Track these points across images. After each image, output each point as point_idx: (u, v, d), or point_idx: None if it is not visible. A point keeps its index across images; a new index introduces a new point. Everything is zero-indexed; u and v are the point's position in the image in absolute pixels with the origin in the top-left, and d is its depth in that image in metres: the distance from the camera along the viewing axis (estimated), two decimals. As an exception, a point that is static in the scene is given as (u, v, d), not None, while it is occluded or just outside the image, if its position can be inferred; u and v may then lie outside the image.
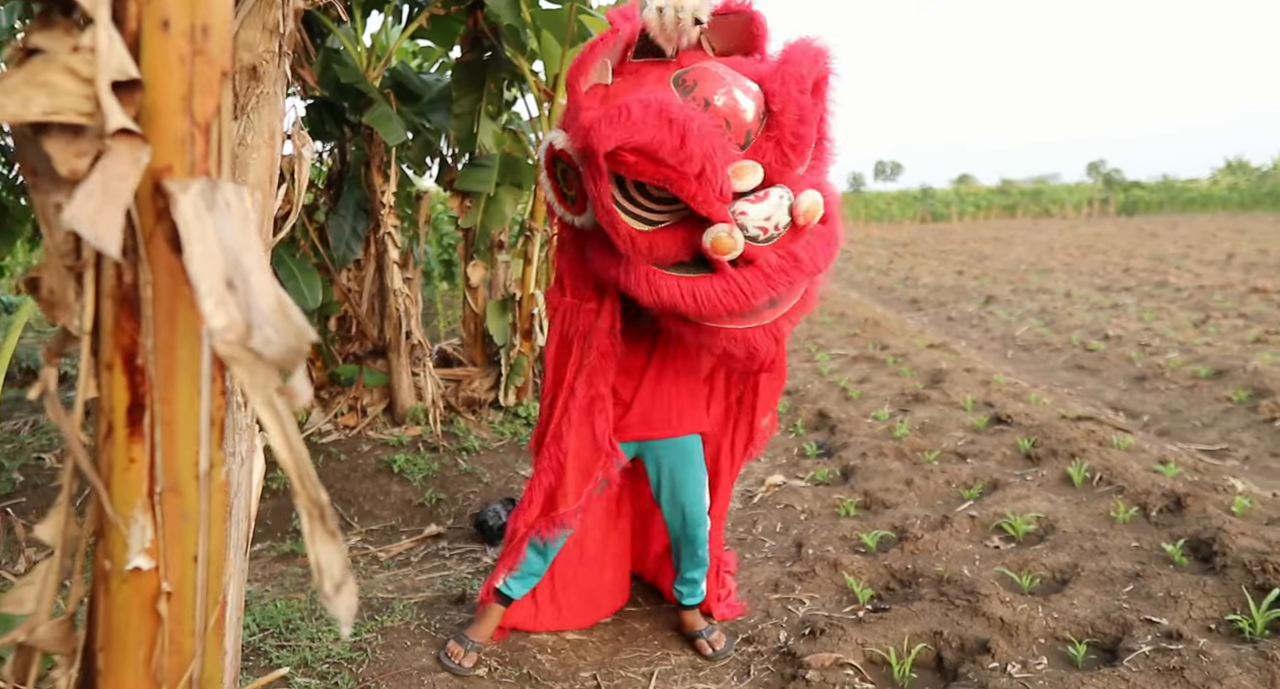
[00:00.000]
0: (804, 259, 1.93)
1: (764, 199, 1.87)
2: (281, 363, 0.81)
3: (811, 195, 1.92)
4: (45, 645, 0.92)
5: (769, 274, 1.90)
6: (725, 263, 1.90)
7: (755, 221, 1.87)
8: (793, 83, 1.84)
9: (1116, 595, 2.56)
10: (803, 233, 1.95)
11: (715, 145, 1.76)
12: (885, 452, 4.13)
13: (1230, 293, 9.44)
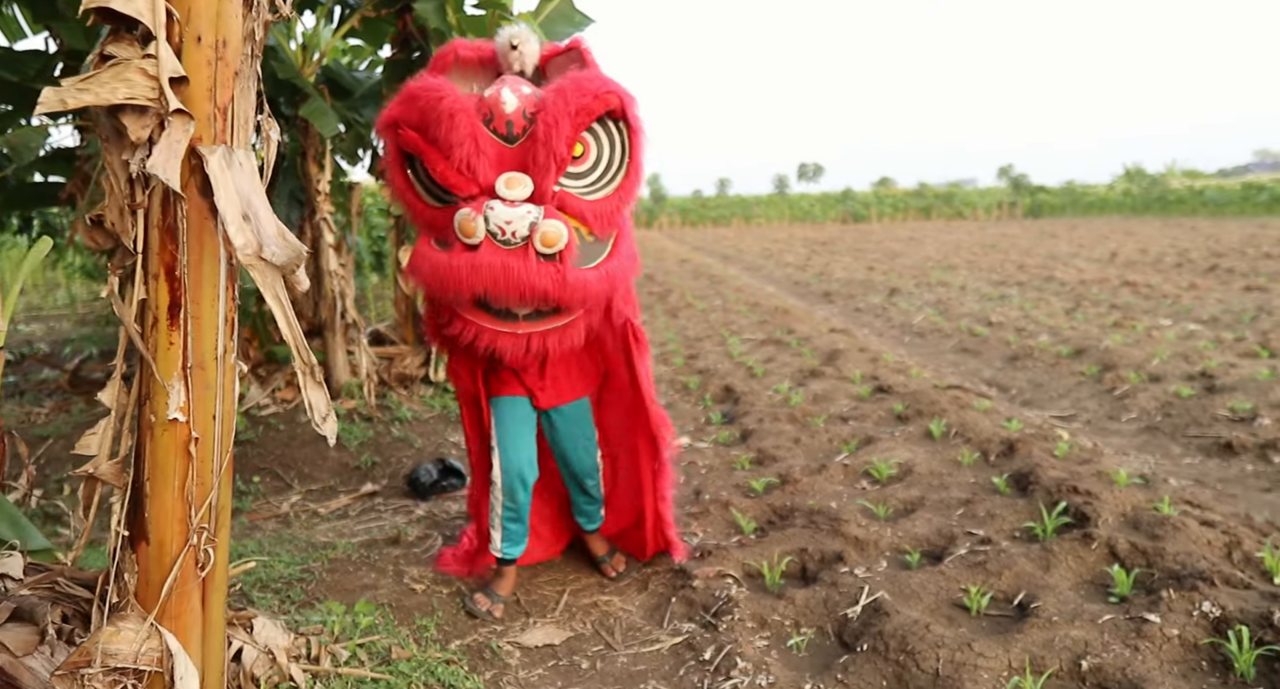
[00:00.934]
0: (515, 271, 2.14)
1: (514, 206, 2.15)
2: (284, 267, 1.21)
3: (554, 224, 2.17)
4: (106, 478, 1.29)
5: (480, 266, 2.14)
6: (463, 245, 2.19)
7: (496, 220, 2.13)
8: (556, 96, 2.17)
9: (950, 517, 3.09)
10: (529, 254, 2.16)
11: (463, 125, 2.13)
12: (780, 417, 4.64)
13: (1105, 286, 10.34)
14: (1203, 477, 3.81)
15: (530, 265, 2.15)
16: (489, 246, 2.15)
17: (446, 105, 2.15)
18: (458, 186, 2.20)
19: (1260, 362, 5.41)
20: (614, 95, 2.23)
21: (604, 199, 2.31)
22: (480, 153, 2.18)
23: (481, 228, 2.14)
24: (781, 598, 2.63)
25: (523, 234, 2.13)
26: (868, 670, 2.20)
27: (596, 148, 2.31)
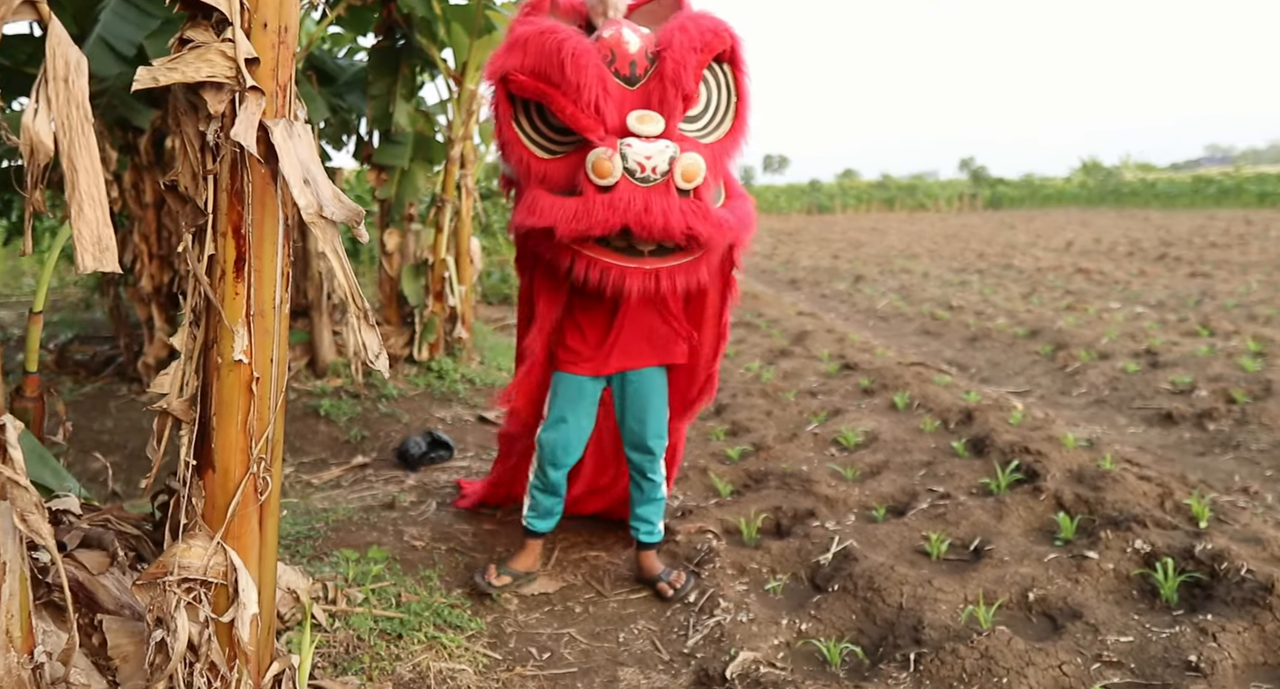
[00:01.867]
0: (658, 207, 2.05)
1: (651, 141, 2.06)
2: (344, 222, 1.39)
3: (694, 157, 2.09)
4: (178, 413, 1.46)
5: (618, 204, 2.04)
6: (595, 188, 2.08)
7: (635, 156, 2.04)
8: (679, 33, 2.13)
9: (912, 478, 3.34)
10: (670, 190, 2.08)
11: (590, 66, 2.05)
12: (752, 393, 4.87)
13: (1060, 273, 10.75)
14: (1145, 443, 4.11)
15: (673, 201, 2.07)
16: (626, 185, 2.06)
17: (570, 47, 2.07)
18: (589, 128, 2.10)
19: (1200, 340, 5.77)
20: (729, 33, 2.19)
21: (717, 143, 2.23)
22: (607, 95, 2.09)
23: (619, 166, 2.05)
24: (758, 549, 2.85)
25: (663, 169, 2.06)
26: (838, 607, 2.43)
27: (706, 91, 2.25)
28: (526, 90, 2.14)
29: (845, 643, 2.26)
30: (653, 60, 2.16)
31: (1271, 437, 3.90)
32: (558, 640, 2.45)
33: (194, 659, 1.46)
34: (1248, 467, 3.70)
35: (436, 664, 2.21)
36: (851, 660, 2.21)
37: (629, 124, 2.09)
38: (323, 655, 2.15)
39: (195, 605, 1.47)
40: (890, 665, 2.11)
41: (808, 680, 2.07)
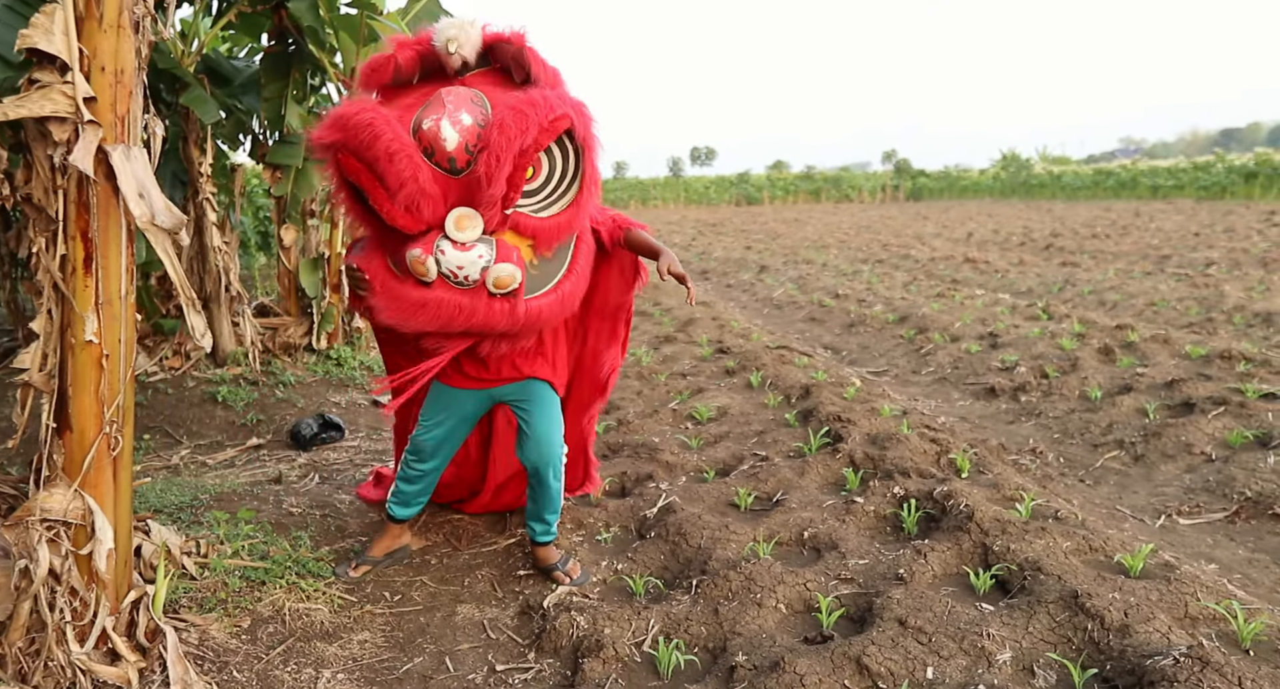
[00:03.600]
0: (468, 311, 2.15)
1: (466, 250, 2.10)
2: (171, 230, 1.74)
3: (507, 269, 2.12)
4: (38, 385, 1.79)
5: (429, 306, 2.16)
6: (414, 282, 2.17)
7: (448, 264, 2.10)
8: (498, 132, 2.04)
9: (745, 445, 3.79)
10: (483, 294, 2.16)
11: (405, 167, 2.03)
12: (629, 375, 5.28)
13: (950, 263, 11.45)
14: (967, 414, 4.66)
15: (482, 305, 2.15)
16: (442, 285, 2.14)
17: (384, 145, 2.03)
18: (406, 227, 2.12)
19: (1038, 323, 6.40)
20: (563, 121, 2.09)
21: (557, 215, 2.22)
22: (424, 193, 2.08)
23: (434, 269, 2.11)
24: (598, 507, 3.26)
25: (474, 278, 2.11)
26: (652, 550, 2.85)
27: (549, 164, 2.19)
28: (351, 174, 2.12)
29: (650, 577, 2.68)
30: (475, 154, 2.10)
31: (1067, 405, 4.47)
32: (410, 585, 2.82)
33: (56, 584, 1.80)
34: (1042, 431, 4.26)
35: (294, 604, 2.56)
36: (654, 591, 2.63)
37: (447, 228, 2.11)
38: (191, 599, 2.48)
39: (57, 541, 1.80)
40: (678, 591, 2.54)
41: (607, 605, 2.48)
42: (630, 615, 2.39)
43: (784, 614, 2.34)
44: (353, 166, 2.10)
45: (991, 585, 2.34)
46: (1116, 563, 2.38)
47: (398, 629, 2.54)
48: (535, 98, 2.09)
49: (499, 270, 2.12)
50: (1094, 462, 3.82)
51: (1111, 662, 1.91)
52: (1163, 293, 7.87)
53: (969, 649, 2.02)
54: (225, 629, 2.33)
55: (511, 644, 2.45)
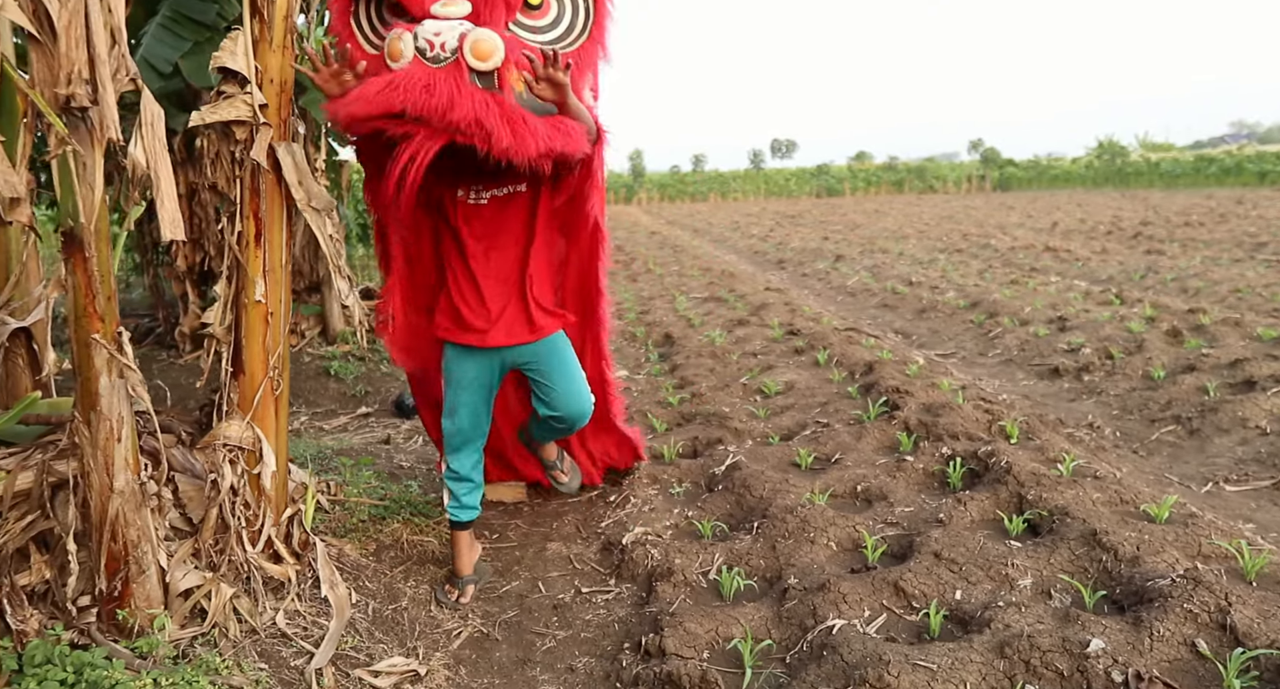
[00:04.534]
0: (441, 89, 1.89)
1: (443, 19, 1.95)
2: (325, 210, 2.15)
3: (488, 35, 1.93)
4: (219, 336, 2.23)
5: (396, 84, 1.92)
6: (388, 71, 1.98)
7: (425, 33, 1.92)
8: None
9: (808, 414, 4.07)
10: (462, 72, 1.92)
11: None
12: (704, 354, 5.61)
13: (1030, 251, 11.36)
14: (1030, 392, 4.82)
15: (463, 87, 1.90)
16: (416, 64, 1.93)
17: None
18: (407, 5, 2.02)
19: (1109, 308, 6.44)
20: None
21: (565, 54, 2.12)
22: None
23: (410, 45, 1.93)
24: (672, 466, 3.60)
25: (452, 46, 1.90)
26: (719, 501, 3.17)
27: (558, 4, 2.15)
28: None
29: (717, 522, 3.01)
30: None
31: (1129, 384, 4.59)
32: (505, 527, 3.22)
33: (233, 497, 2.24)
34: (1102, 408, 4.40)
35: (410, 535, 2.99)
36: (720, 533, 2.96)
37: (432, 8, 1.99)
38: (326, 527, 2.93)
39: (235, 462, 2.25)
40: (740, 532, 2.87)
41: (678, 543, 2.82)
42: (698, 550, 2.72)
43: (833, 550, 2.64)
44: None
45: (1023, 529, 2.59)
46: (1142, 511, 2.59)
47: (496, 559, 2.94)
48: None
49: (479, 34, 1.91)
50: (1149, 435, 3.96)
51: (1120, 586, 2.15)
52: (1249, 280, 7.73)
53: (994, 576, 2.29)
54: (356, 550, 2.77)
55: (594, 573, 2.82)
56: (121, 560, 2.00)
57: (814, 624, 2.18)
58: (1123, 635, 1.90)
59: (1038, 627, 1.97)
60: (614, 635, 2.41)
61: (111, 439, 1.93)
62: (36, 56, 1.65)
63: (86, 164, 1.70)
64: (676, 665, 2.03)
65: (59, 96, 1.63)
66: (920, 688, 1.83)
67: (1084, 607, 2.11)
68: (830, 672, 1.96)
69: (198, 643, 2.07)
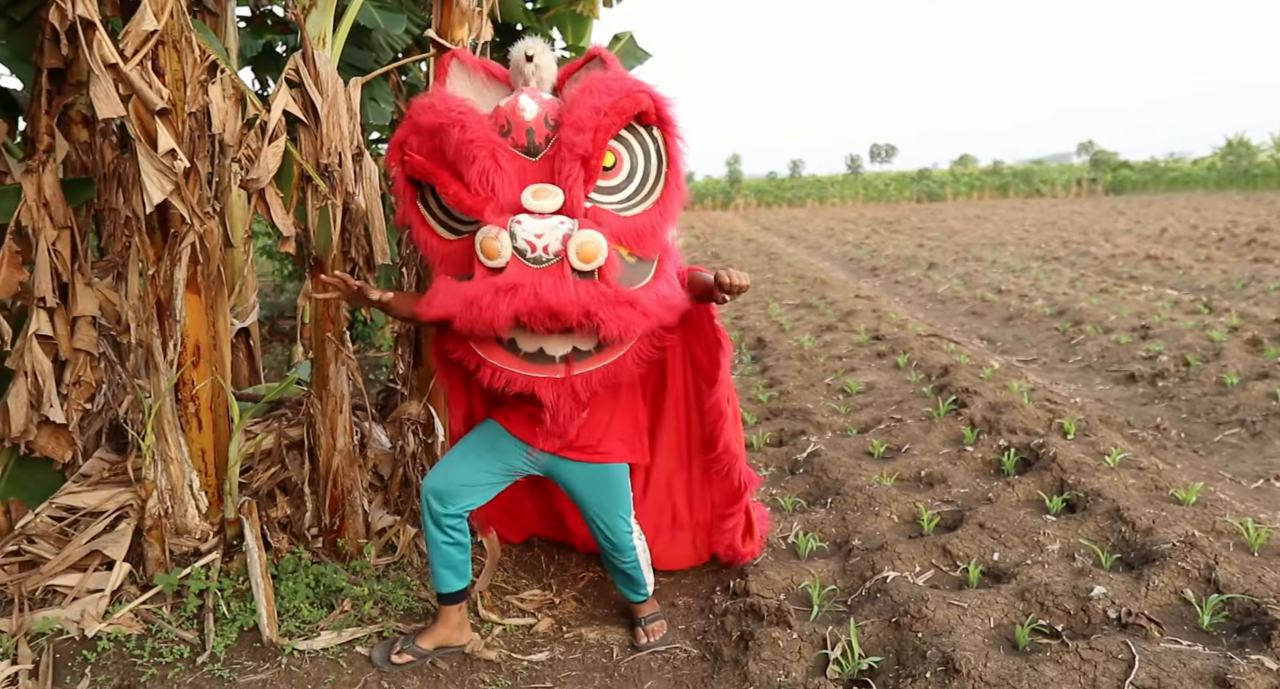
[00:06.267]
0: (550, 291, 1.85)
1: (543, 218, 1.89)
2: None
3: (591, 235, 1.88)
4: (403, 336, 2.88)
5: (504, 291, 1.85)
6: (485, 270, 1.90)
7: (524, 234, 1.86)
8: (582, 95, 1.96)
9: (884, 411, 4.52)
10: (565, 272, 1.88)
11: (478, 139, 1.91)
12: (792, 356, 6.09)
13: (1130, 259, 11.29)
14: (1104, 397, 5.11)
15: (568, 283, 1.87)
16: (516, 266, 1.87)
17: (457, 117, 1.93)
18: (474, 209, 1.95)
19: (1195, 317, 6.57)
20: (644, 94, 2.02)
21: (642, 214, 2.06)
22: (499, 167, 1.93)
23: (507, 245, 1.87)
24: (760, 453, 4.12)
25: (555, 248, 1.87)
26: (799, 482, 3.68)
27: (630, 157, 2.07)
28: (416, 170, 2.04)
29: (797, 498, 3.52)
30: (554, 128, 1.99)
31: (1201, 390, 4.84)
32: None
33: (414, 461, 2.89)
34: (1172, 412, 4.68)
35: (538, 502, 3.60)
36: (798, 507, 3.46)
37: (523, 200, 1.93)
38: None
39: (415, 433, 2.90)
40: (816, 506, 3.37)
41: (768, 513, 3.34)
42: (779, 520, 3.24)
43: (894, 521, 3.12)
44: (418, 162, 2.03)
45: (1061, 507, 3.00)
46: (1171, 495, 2.96)
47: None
48: (615, 73, 2.06)
49: (583, 237, 1.88)
50: (1213, 437, 4.23)
51: (1134, 551, 2.56)
52: (1356, 289, 7.66)
53: (1028, 542, 2.72)
54: (498, 510, 3.40)
55: (691, 536, 3.36)
56: (340, 503, 2.67)
57: (871, 575, 2.67)
58: (1124, 586, 2.32)
59: (1055, 579, 2.41)
60: (708, 582, 2.95)
61: (336, 411, 2.61)
62: (304, 135, 2.32)
63: (334, 211, 2.36)
64: (757, 601, 2.55)
65: (320, 164, 2.31)
66: (952, 619, 2.30)
67: (1100, 566, 2.53)
68: (880, 608, 2.45)
69: (392, 568, 2.72)
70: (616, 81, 2.02)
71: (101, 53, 2.09)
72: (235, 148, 2.29)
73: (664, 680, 2.38)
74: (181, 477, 2.46)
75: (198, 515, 2.49)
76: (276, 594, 2.41)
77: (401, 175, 2.11)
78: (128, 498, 2.56)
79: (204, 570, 2.43)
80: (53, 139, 2.57)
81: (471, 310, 1.91)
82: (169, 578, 2.39)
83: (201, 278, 2.39)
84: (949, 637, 2.19)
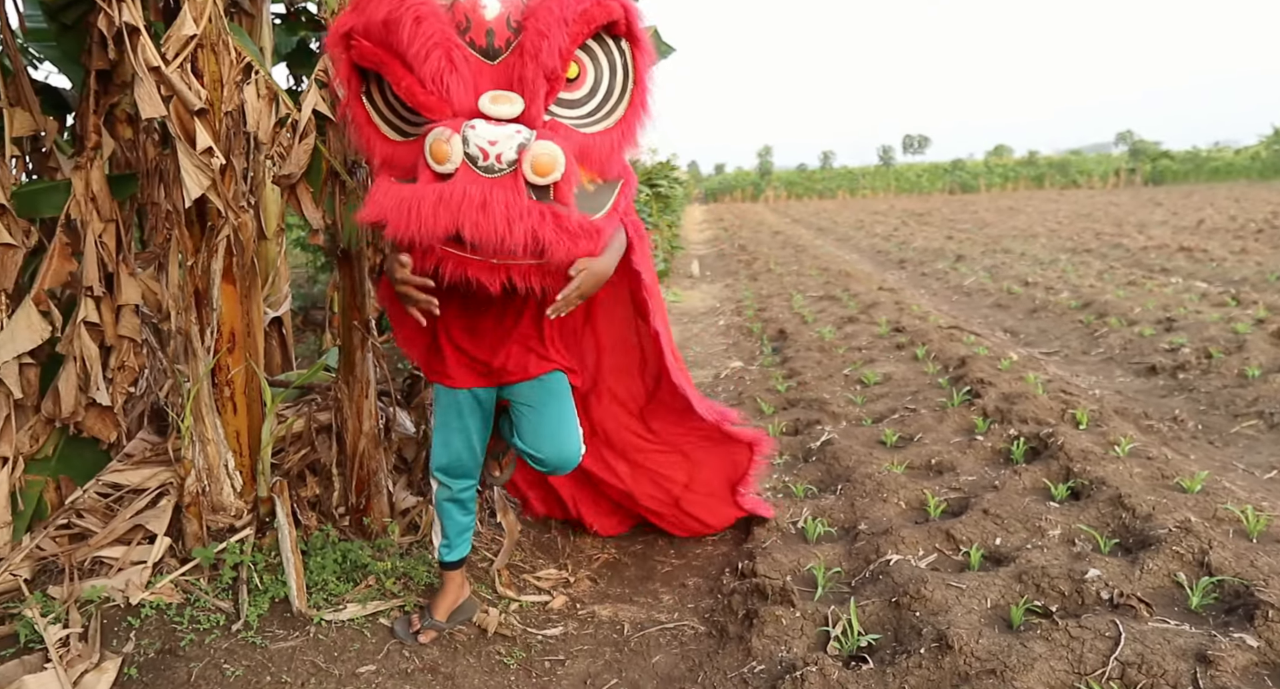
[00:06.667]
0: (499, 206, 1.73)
1: (499, 125, 1.77)
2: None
3: (548, 146, 1.77)
4: (429, 323, 3.02)
5: (450, 198, 1.74)
6: (432, 175, 1.79)
7: (478, 139, 1.75)
8: (552, 3, 1.79)
9: (900, 401, 4.58)
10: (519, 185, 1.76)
11: (435, 33, 1.77)
12: (813, 348, 6.15)
13: (1163, 252, 11.16)
14: (1123, 388, 5.12)
15: (520, 200, 1.75)
16: (466, 174, 1.76)
17: (412, 6, 1.78)
18: (428, 106, 1.81)
19: (1222, 309, 6.53)
20: (616, 2, 1.86)
21: (603, 133, 1.93)
22: (454, 67, 1.79)
23: (458, 150, 1.76)
24: (775, 441, 4.20)
25: (509, 158, 1.75)
26: (811, 469, 3.76)
27: (595, 70, 1.93)
28: (366, 58, 1.89)
29: (808, 485, 3.60)
30: (516, 30, 1.84)
31: (1221, 382, 4.83)
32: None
33: (437, 443, 3.02)
34: (1191, 403, 4.69)
35: (557, 486, 3.72)
36: (809, 493, 3.55)
37: (480, 105, 1.81)
38: (493, 477, 3.71)
39: (437, 417, 3.02)
40: (827, 493, 3.45)
41: (775, 500, 3.43)
42: (790, 506, 3.33)
43: (902, 508, 3.19)
44: (367, 49, 1.87)
45: (1066, 495, 3.05)
46: (1175, 483, 3.01)
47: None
48: None
49: (540, 148, 1.76)
50: (1229, 429, 4.24)
51: (1133, 537, 2.62)
52: (1391, 282, 7.53)
53: (1030, 528, 2.79)
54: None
55: (704, 520, 3.46)
56: (365, 483, 2.81)
57: (876, 558, 2.75)
58: (1119, 569, 2.39)
59: (1052, 562, 2.48)
60: (717, 564, 3.05)
61: (363, 396, 2.75)
62: (331, 134, 2.45)
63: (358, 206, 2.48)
64: (763, 581, 2.65)
65: (348, 161, 2.43)
66: (950, 600, 2.38)
67: (1099, 551, 2.59)
68: (882, 588, 2.54)
69: (414, 546, 2.86)
70: None
71: (145, 56, 2.23)
72: (268, 145, 2.43)
73: (671, 655, 2.49)
74: (218, 457, 2.60)
75: (233, 494, 2.64)
76: (305, 568, 2.56)
77: (346, 62, 1.93)
78: (168, 476, 2.72)
79: (238, 545, 2.58)
80: (100, 137, 2.72)
81: (409, 215, 1.77)
82: (206, 551, 2.54)
83: (236, 269, 2.53)
84: (945, 616, 2.28)
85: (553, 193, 1.80)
